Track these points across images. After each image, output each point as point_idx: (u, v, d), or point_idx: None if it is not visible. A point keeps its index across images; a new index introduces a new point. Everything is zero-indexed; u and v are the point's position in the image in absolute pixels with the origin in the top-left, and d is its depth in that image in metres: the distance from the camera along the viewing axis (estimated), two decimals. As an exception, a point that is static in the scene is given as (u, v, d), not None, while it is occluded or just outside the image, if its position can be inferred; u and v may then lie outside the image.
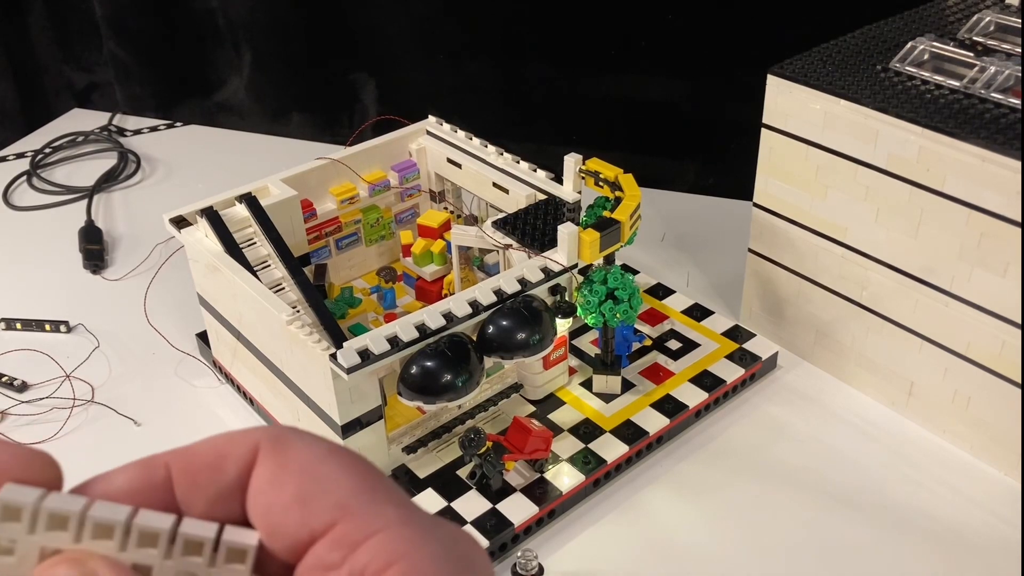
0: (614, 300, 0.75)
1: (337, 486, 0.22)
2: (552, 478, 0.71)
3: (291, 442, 0.23)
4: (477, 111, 1.22)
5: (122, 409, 0.82)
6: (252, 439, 0.23)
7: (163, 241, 0.96)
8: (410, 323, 0.66)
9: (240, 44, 1.29)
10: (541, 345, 0.71)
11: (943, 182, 0.68)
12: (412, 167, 0.92)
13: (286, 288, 0.74)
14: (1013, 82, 0.71)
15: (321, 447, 0.23)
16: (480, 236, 0.77)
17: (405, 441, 0.73)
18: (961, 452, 0.76)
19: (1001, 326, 0.69)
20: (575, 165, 0.80)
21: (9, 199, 1.18)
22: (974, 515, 0.71)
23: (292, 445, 0.23)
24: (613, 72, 1.14)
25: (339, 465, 0.23)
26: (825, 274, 0.80)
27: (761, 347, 0.84)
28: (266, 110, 1.33)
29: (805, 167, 0.77)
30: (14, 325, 0.93)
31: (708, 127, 1.13)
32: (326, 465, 0.23)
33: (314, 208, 0.86)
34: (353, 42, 1.24)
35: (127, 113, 1.39)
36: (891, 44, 0.80)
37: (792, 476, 0.74)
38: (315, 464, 0.23)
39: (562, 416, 0.77)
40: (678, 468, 0.75)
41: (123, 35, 1.34)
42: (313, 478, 0.22)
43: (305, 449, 0.23)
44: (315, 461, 0.23)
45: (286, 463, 0.23)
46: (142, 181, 1.22)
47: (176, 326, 0.91)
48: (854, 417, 0.80)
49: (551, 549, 0.69)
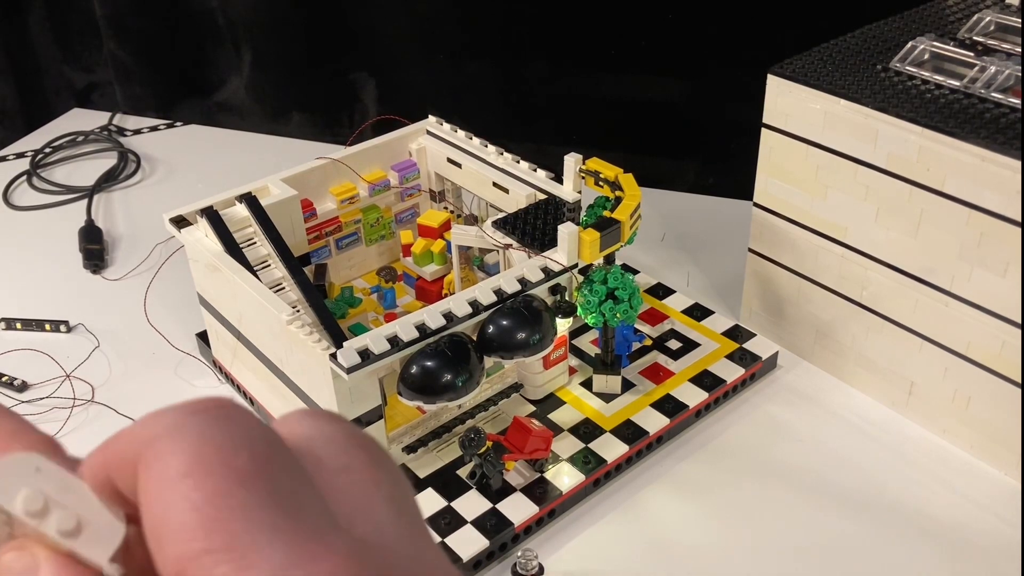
0: (614, 300, 0.75)
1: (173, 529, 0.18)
2: (552, 478, 0.71)
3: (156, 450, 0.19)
4: (477, 111, 1.22)
5: (122, 409, 0.82)
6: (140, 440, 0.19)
7: (163, 241, 0.96)
8: (410, 323, 0.66)
9: (240, 44, 1.29)
10: (541, 345, 0.71)
11: (943, 182, 0.68)
12: (412, 167, 0.92)
13: (286, 288, 0.74)
14: (1013, 82, 0.71)
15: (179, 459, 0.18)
16: (480, 236, 0.77)
17: (405, 441, 0.73)
18: (961, 452, 0.76)
19: (1001, 326, 0.69)
20: (575, 165, 0.80)
21: (9, 199, 1.18)
22: (974, 515, 0.70)
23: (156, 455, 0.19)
24: (613, 72, 1.14)
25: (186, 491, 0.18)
26: (825, 274, 0.80)
27: (761, 347, 0.84)
28: (266, 110, 1.33)
29: (805, 167, 0.77)
30: (14, 325, 0.93)
31: (708, 127, 1.13)
32: (174, 492, 0.18)
33: (314, 208, 0.86)
34: (353, 42, 1.24)
35: (127, 113, 1.39)
36: (891, 44, 0.79)
37: (792, 476, 0.74)
38: (164, 491, 0.18)
39: (562, 416, 0.77)
40: (678, 468, 0.75)
41: (123, 35, 1.34)
42: (160, 512, 0.18)
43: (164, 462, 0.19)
44: (165, 486, 0.18)
45: (148, 486, 0.19)
46: (142, 181, 1.22)
47: (176, 326, 0.91)
48: (854, 417, 0.80)
49: (551, 549, 0.69)
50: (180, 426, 0.19)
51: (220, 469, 0.18)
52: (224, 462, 0.18)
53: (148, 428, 0.19)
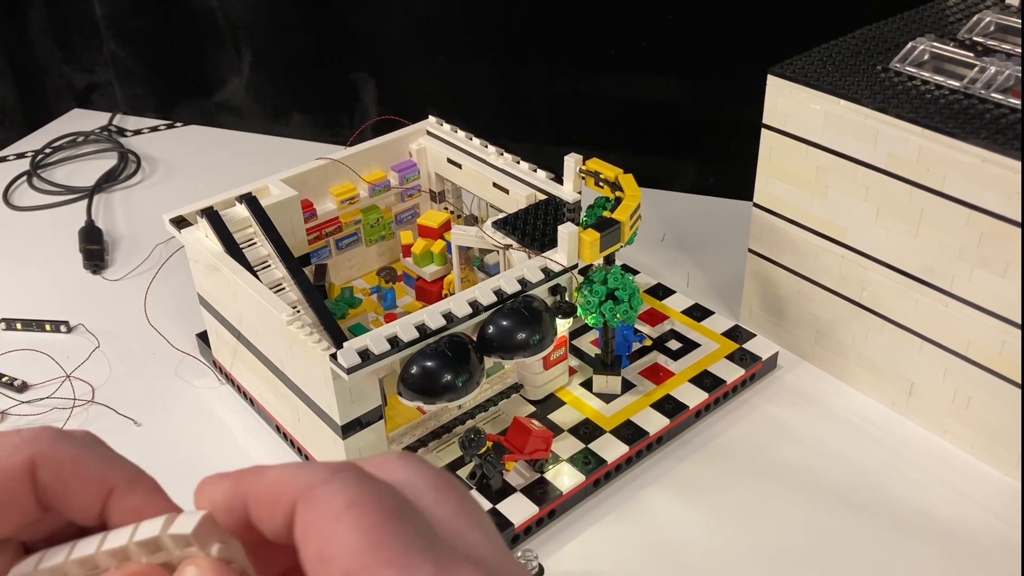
0: (614, 300, 0.75)
1: (343, 549, 0.23)
2: (552, 478, 0.71)
3: (318, 494, 0.24)
4: (477, 111, 1.22)
5: (122, 409, 0.82)
6: (297, 485, 0.24)
7: (163, 241, 0.96)
8: (410, 323, 0.66)
9: (240, 44, 1.29)
10: (541, 345, 0.71)
11: (943, 182, 0.68)
12: (412, 167, 0.92)
13: (286, 288, 0.74)
14: (1013, 82, 0.71)
15: (342, 498, 0.23)
16: (480, 236, 0.77)
17: (405, 441, 0.73)
18: (961, 452, 0.76)
19: (1001, 326, 0.69)
20: (575, 165, 0.80)
21: (9, 199, 1.18)
22: (974, 515, 0.71)
23: (319, 497, 0.24)
24: (613, 72, 1.14)
25: (352, 522, 0.23)
26: (825, 274, 0.80)
27: (761, 347, 0.84)
28: (266, 110, 1.33)
29: (805, 167, 0.78)
30: (14, 325, 0.93)
31: (708, 127, 1.13)
32: (340, 523, 0.23)
33: (314, 208, 0.86)
34: (353, 42, 1.24)
35: (127, 113, 1.39)
36: (891, 44, 0.80)
37: (792, 476, 0.74)
38: (331, 522, 0.23)
39: (562, 416, 0.77)
40: (678, 468, 0.75)
41: (123, 35, 1.34)
42: (328, 538, 0.23)
43: (328, 502, 0.24)
44: (331, 518, 0.23)
45: (310, 519, 0.24)
46: (142, 181, 1.22)
47: (176, 326, 0.91)
48: (854, 417, 0.80)
49: (551, 549, 0.69)
50: (334, 477, 0.24)
51: (374, 506, 0.24)
52: (376, 501, 0.24)
53: (301, 479, 0.24)
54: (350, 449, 0.68)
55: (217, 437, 0.80)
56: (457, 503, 0.26)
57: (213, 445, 0.79)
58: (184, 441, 0.79)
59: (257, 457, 0.77)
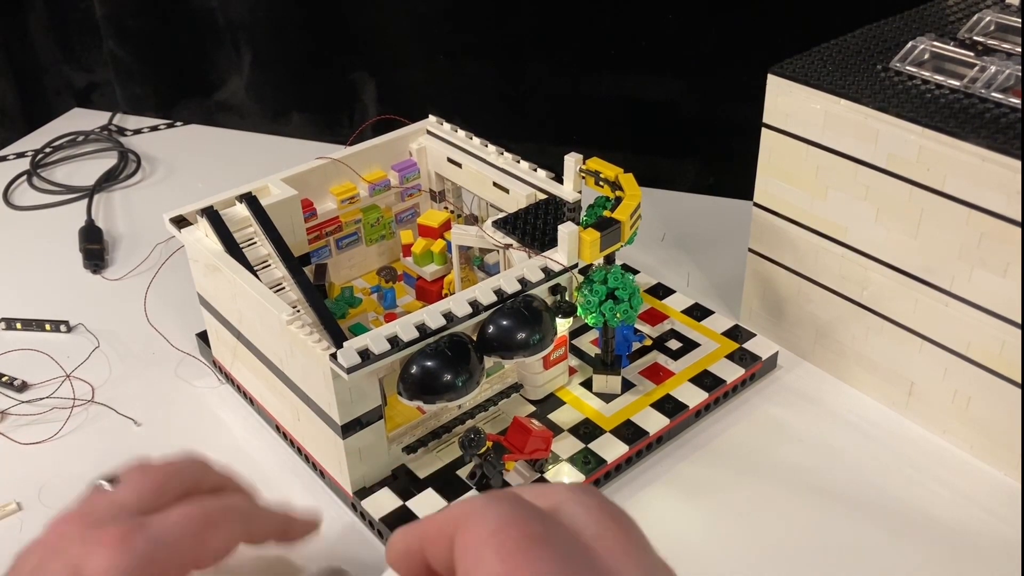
0: (614, 300, 0.75)
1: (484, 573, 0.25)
2: (552, 478, 0.71)
3: (473, 520, 0.26)
4: (477, 111, 1.22)
5: (122, 409, 0.82)
6: (459, 516, 0.27)
7: (163, 241, 0.96)
8: (410, 323, 0.66)
9: (240, 44, 1.29)
10: (541, 345, 0.71)
11: (943, 182, 0.68)
12: (412, 167, 0.92)
13: (286, 288, 0.74)
14: (1013, 82, 0.71)
15: (491, 524, 0.26)
16: (480, 236, 0.77)
17: (405, 441, 0.73)
18: (961, 452, 0.76)
19: (1001, 326, 0.69)
20: (575, 165, 0.80)
21: (9, 199, 1.18)
22: (974, 515, 0.70)
23: (472, 523, 0.26)
24: (613, 72, 1.14)
25: (496, 546, 0.25)
26: (825, 274, 0.80)
27: (761, 347, 0.84)
28: (266, 110, 1.33)
29: (805, 167, 0.77)
30: (14, 325, 0.93)
31: (708, 127, 1.13)
32: (486, 547, 0.25)
33: (314, 208, 0.86)
34: (353, 42, 1.24)
35: (127, 113, 1.39)
36: (891, 44, 0.80)
37: (792, 476, 0.74)
38: (479, 546, 0.26)
39: (562, 416, 0.77)
40: (678, 468, 0.75)
41: (123, 35, 1.34)
42: (474, 562, 0.25)
43: (478, 527, 0.26)
44: (479, 543, 0.26)
45: (463, 544, 0.26)
46: (142, 181, 1.22)
47: (176, 326, 0.91)
48: (854, 417, 0.80)
49: (551, 549, 0.69)
50: (487, 505, 0.26)
51: (517, 532, 0.25)
52: (522, 527, 0.26)
53: (460, 510, 0.27)
54: (350, 449, 0.68)
55: (217, 437, 0.80)
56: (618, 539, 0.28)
57: (213, 445, 0.79)
58: (184, 441, 0.79)
59: (257, 457, 0.77)
